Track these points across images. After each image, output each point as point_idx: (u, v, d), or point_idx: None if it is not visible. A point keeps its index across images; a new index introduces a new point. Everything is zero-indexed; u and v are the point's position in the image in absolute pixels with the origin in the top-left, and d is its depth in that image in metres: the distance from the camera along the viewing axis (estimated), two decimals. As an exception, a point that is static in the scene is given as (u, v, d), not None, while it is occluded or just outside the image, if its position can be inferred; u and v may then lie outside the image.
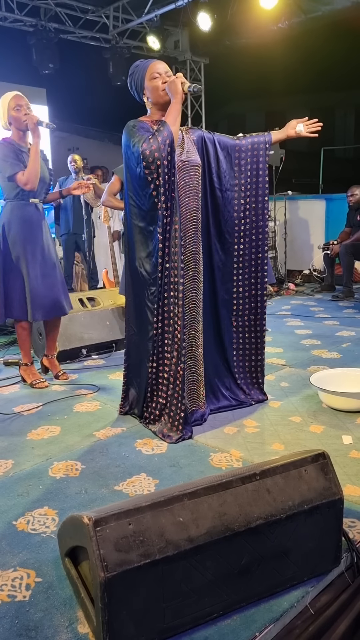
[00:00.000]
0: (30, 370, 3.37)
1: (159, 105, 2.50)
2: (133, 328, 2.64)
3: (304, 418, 2.66)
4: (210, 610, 1.37)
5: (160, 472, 2.16)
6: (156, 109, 2.52)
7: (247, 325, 2.76)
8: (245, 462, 2.23)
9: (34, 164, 3.03)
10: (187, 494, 1.38)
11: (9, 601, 1.47)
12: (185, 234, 2.49)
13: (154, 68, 2.47)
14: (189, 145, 2.53)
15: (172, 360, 2.45)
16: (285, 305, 5.73)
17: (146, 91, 2.50)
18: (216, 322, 2.73)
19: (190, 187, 2.50)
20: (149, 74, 2.46)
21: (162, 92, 2.45)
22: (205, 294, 2.64)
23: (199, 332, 2.60)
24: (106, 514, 1.28)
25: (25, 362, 3.36)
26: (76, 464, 2.25)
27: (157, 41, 7.94)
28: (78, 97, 8.38)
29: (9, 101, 3.06)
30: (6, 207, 3.19)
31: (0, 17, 7.11)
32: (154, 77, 2.46)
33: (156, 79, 2.45)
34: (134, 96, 2.60)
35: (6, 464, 2.28)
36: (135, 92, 2.57)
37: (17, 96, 3.07)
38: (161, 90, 2.44)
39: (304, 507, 1.46)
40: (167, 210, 2.36)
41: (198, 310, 2.59)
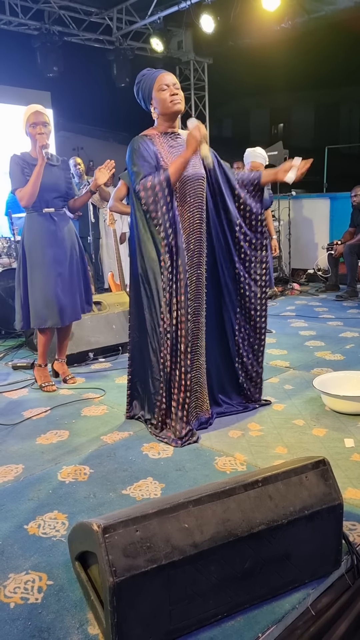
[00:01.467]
0: (42, 372, 3.44)
1: (167, 116, 2.53)
2: (136, 334, 2.69)
3: (307, 421, 2.71)
4: (215, 612, 1.43)
5: (166, 476, 2.22)
6: (163, 120, 2.55)
7: (248, 332, 2.79)
8: (250, 465, 2.28)
9: (32, 183, 3.11)
10: (192, 500, 1.44)
11: (22, 603, 1.54)
12: (189, 246, 2.53)
13: (162, 80, 2.49)
14: (194, 158, 2.55)
15: (175, 366, 2.51)
16: (289, 306, 5.77)
17: (154, 102, 2.53)
18: (220, 330, 2.76)
19: (195, 199, 2.54)
20: (157, 86, 2.49)
21: (170, 103, 2.48)
22: (210, 301, 2.68)
23: (202, 340, 2.65)
24: (114, 521, 1.34)
25: (40, 364, 3.44)
26: (84, 468, 2.32)
27: (160, 43, 7.98)
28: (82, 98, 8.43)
29: (29, 116, 3.14)
30: (25, 218, 3.32)
31: (5, 21, 7.17)
32: (162, 88, 2.48)
33: (164, 90, 2.48)
34: (140, 104, 2.64)
35: (17, 469, 2.35)
36: (142, 101, 2.60)
37: (36, 113, 3.14)
38: (169, 102, 2.48)
39: (304, 513, 1.51)
40: (169, 230, 2.42)
41: (201, 319, 2.63)
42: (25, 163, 3.16)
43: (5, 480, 2.25)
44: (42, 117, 3.15)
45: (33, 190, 3.11)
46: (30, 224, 3.26)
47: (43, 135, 3.12)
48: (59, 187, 3.26)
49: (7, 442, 2.63)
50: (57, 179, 3.25)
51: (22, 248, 3.29)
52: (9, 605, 1.53)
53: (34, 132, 3.14)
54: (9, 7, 7.07)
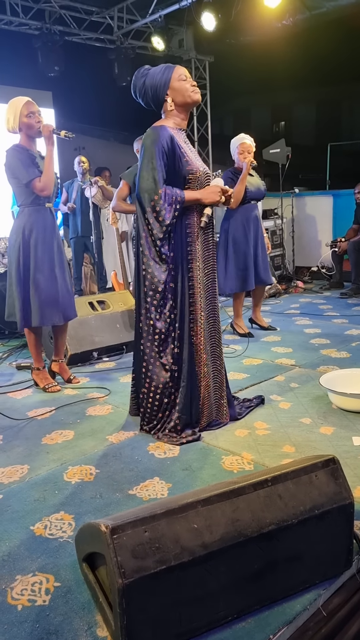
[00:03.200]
0: (42, 374, 3.42)
1: (186, 106, 2.52)
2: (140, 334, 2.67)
3: (314, 419, 2.69)
4: (225, 613, 1.41)
5: (173, 475, 2.20)
6: (179, 112, 2.53)
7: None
8: (257, 464, 2.26)
9: (49, 171, 3.08)
10: (201, 500, 1.42)
11: (30, 605, 1.52)
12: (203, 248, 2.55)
13: (182, 70, 2.50)
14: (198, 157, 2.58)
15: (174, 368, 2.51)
16: (294, 304, 5.75)
17: (171, 92, 2.48)
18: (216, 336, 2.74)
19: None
20: (177, 76, 2.47)
21: (192, 92, 2.48)
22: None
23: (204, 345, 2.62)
24: (122, 522, 1.32)
25: (37, 367, 3.41)
26: (90, 469, 2.30)
27: (161, 41, 7.94)
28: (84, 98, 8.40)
29: (21, 107, 3.08)
30: (23, 212, 3.19)
31: (6, 21, 7.14)
32: (182, 78, 2.47)
33: (185, 80, 2.48)
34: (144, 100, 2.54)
35: (22, 469, 2.33)
36: (149, 95, 2.50)
37: (28, 103, 3.10)
38: (191, 92, 2.47)
39: (315, 512, 1.49)
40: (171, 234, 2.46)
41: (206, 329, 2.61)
42: (29, 153, 3.12)
43: (10, 481, 2.23)
44: (36, 106, 3.13)
45: (52, 177, 3.09)
46: (33, 218, 3.17)
47: (40, 122, 3.09)
48: (55, 182, 3.24)
49: (12, 443, 2.62)
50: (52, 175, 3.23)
51: (24, 243, 3.15)
52: (17, 607, 1.51)
53: (31, 121, 3.09)
54: (9, 7, 7.05)
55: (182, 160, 2.44)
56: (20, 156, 3.09)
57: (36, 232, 3.17)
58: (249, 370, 3.52)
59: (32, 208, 3.18)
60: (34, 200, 3.16)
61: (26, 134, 3.15)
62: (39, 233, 3.17)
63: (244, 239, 4.30)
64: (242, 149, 4.23)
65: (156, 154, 2.39)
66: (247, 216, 4.32)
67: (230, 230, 4.32)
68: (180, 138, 2.51)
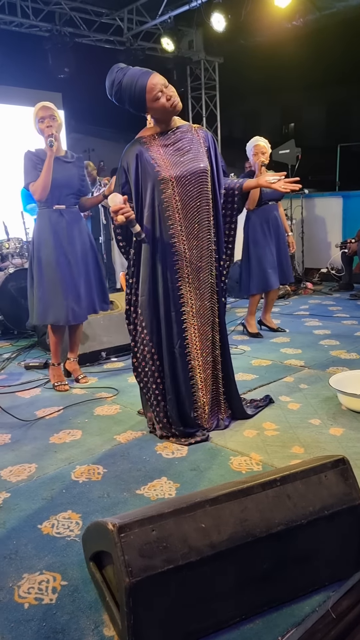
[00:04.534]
0: (56, 371, 3.43)
1: (168, 117, 2.42)
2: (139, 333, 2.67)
3: (324, 420, 2.67)
4: (233, 614, 1.40)
5: (181, 475, 2.19)
6: (161, 121, 2.44)
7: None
8: (265, 465, 2.24)
9: (43, 176, 3.10)
10: (209, 500, 1.40)
11: (36, 604, 1.51)
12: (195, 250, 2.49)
13: (153, 88, 2.27)
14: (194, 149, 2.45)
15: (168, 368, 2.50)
16: (303, 305, 5.72)
17: (150, 111, 2.38)
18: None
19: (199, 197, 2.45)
20: (151, 96, 2.28)
21: (171, 108, 2.33)
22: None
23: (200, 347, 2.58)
24: (130, 520, 1.31)
25: (53, 363, 3.43)
26: (98, 468, 2.29)
27: (171, 42, 7.97)
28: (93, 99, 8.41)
29: (37, 111, 3.14)
30: (37, 215, 3.31)
31: (17, 23, 7.20)
32: (157, 97, 2.30)
33: (159, 98, 2.31)
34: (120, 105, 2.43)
35: (30, 468, 2.33)
36: (131, 108, 2.41)
37: (43, 107, 3.13)
38: (169, 107, 2.33)
39: (324, 513, 1.47)
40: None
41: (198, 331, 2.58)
42: (39, 159, 3.15)
43: (18, 480, 2.23)
44: (49, 111, 3.14)
45: (45, 182, 3.10)
46: (40, 220, 3.25)
47: (50, 127, 3.10)
48: (71, 183, 3.24)
49: (20, 442, 2.62)
50: (70, 176, 3.24)
51: (32, 244, 3.28)
52: (23, 605, 1.51)
53: (42, 126, 3.13)
54: (20, 9, 7.10)
55: (152, 171, 2.38)
56: (25, 161, 3.17)
57: (42, 234, 3.23)
58: (258, 371, 3.50)
59: (40, 210, 3.26)
60: (42, 202, 3.21)
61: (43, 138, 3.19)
62: (45, 235, 3.21)
63: (264, 240, 4.32)
64: (257, 150, 4.23)
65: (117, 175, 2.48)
66: (266, 217, 4.34)
67: (250, 233, 4.35)
68: (159, 144, 2.42)
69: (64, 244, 3.22)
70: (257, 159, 4.18)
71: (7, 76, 7.19)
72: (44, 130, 3.12)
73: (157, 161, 2.39)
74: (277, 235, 4.39)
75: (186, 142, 2.45)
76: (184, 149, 2.44)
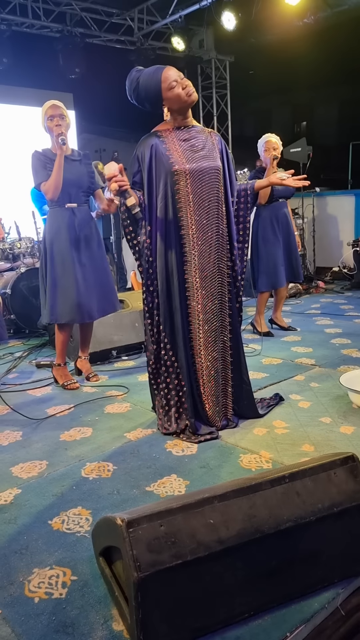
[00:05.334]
0: (62, 371, 3.44)
1: (183, 109, 2.48)
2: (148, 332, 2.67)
3: (334, 419, 2.65)
4: (242, 610, 1.40)
5: (190, 473, 2.20)
6: (178, 114, 2.49)
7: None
8: (275, 463, 2.24)
9: (54, 176, 3.11)
10: (217, 496, 1.41)
11: (47, 598, 1.53)
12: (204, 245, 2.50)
13: (169, 77, 2.37)
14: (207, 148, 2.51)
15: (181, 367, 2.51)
16: (314, 304, 5.69)
17: (166, 102, 2.43)
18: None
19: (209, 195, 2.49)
20: (166, 85, 2.37)
21: (186, 97, 2.40)
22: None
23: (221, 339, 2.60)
24: (138, 516, 1.32)
25: (58, 363, 3.44)
26: (108, 465, 2.31)
27: (181, 41, 7.97)
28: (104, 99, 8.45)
29: (46, 110, 3.16)
30: (48, 214, 3.32)
31: (28, 24, 7.24)
32: (172, 86, 2.37)
33: (174, 87, 2.38)
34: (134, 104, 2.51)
35: (41, 465, 2.35)
36: (146, 104, 2.47)
37: (52, 106, 3.15)
38: (185, 97, 2.39)
39: (333, 510, 1.47)
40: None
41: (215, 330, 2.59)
42: (47, 158, 3.16)
43: (29, 476, 2.25)
44: (59, 110, 3.15)
45: (57, 181, 3.11)
46: (52, 218, 3.26)
47: (60, 126, 3.12)
48: (81, 181, 3.26)
49: (31, 439, 2.64)
50: (79, 174, 3.25)
51: (44, 243, 3.30)
52: (34, 600, 1.52)
53: (51, 125, 3.14)
54: (31, 10, 7.14)
55: (167, 162, 2.43)
56: (34, 160, 3.18)
57: (54, 233, 3.23)
58: (269, 370, 3.49)
59: (52, 209, 3.27)
60: (53, 201, 3.22)
61: (51, 136, 3.20)
62: (57, 234, 3.22)
63: (274, 238, 4.30)
64: (268, 146, 4.22)
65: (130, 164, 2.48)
66: (276, 214, 4.33)
67: (260, 230, 4.34)
68: (174, 138, 2.47)
69: (76, 242, 3.24)
70: (269, 154, 4.18)
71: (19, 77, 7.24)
72: (53, 128, 3.13)
73: (172, 154, 2.45)
74: (287, 233, 4.38)
75: (200, 141, 2.51)
76: (198, 146, 2.50)
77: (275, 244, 4.31)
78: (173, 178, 2.43)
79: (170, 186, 2.43)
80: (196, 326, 2.52)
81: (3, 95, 7.53)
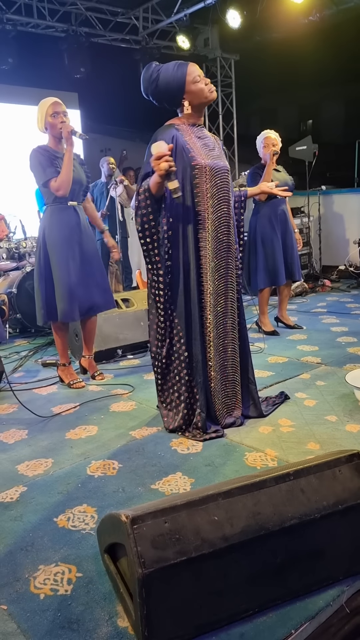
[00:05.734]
0: (67, 370, 3.45)
1: (201, 106, 2.53)
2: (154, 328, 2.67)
3: (340, 417, 2.65)
4: (246, 607, 1.40)
5: (195, 471, 2.20)
6: (195, 111, 2.52)
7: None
8: (280, 461, 2.24)
9: (66, 172, 3.11)
10: (222, 493, 1.41)
11: (52, 595, 1.53)
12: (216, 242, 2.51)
13: (194, 71, 2.45)
14: (216, 149, 2.56)
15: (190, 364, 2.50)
16: (320, 302, 5.68)
17: (187, 95, 2.47)
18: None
19: (221, 193, 2.51)
20: (191, 78, 2.44)
21: (208, 93, 2.47)
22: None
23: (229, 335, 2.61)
24: (143, 512, 1.32)
25: (63, 363, 3.45)
26: (113, 463, 2.31)
27: (186, 40, 7.95)
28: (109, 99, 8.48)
29: (47, 107, 3.13)
30: (47, 211, 3.28)
31: (33, 24, 7.26)
32: (196, 80, 2.44)
33: (199, 82, 2.45)
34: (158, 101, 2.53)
35: (46, 463, 2.36)
36: (166, 98, 2.50)
37: (55, 103, 3.14)
38: (207, 92, 2.46)
39: (338, 507, 1.46)
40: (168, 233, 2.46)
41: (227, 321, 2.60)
42: (52, 155, 3.16)
43: (35, 474, 2.26)
44: (62, 107, 3.15)
45: (68, 177, 3.11)
46: (54, 216, 3.23)
47: (64, 122, 3.11)
48: (82, 179, 3.27)
49: (37, 437, 2.65)
50: (79, 172, 3.26)
51: (44, 241, 3.23)
52: (39, 596, 1.53)
53: (55, 121, 3.12)
54: (36, 10, 7.16)
55: (187, 155, 2.44)
56: (40, 157, 3.14)
57: (57, 230, 3.21)
58: (274, 368, 3.49)
59: (54, 207, 3.24)
60: (56, 199, 3.20)
61: (51, 134, 3.19)
62: (60, 231, 3.21)
63: (273, 235, 4.28)
64: (267, 142, 4.22)
65: (146, 154, 2.44)
66: (275, 211, 4.31)
67: (259, 227, 4.32)
68: (191, 133, 2.50)
69: (78, 240, 3.24)
70: (268, 150, 4.17)
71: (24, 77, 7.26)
72: (57, 125, 3.12)
73: (192, 148, 2.47)
74: (285, 230, 4.35)
75: (211, 142, 2.58)
76: (209, 145, 2.55)
77: (274, 241, 4.28)
78: (193, 172, 2.44)
79: (190, 180, 2.45)
80: (208, 322, 2.52)
81: (8, 95, 7.56)
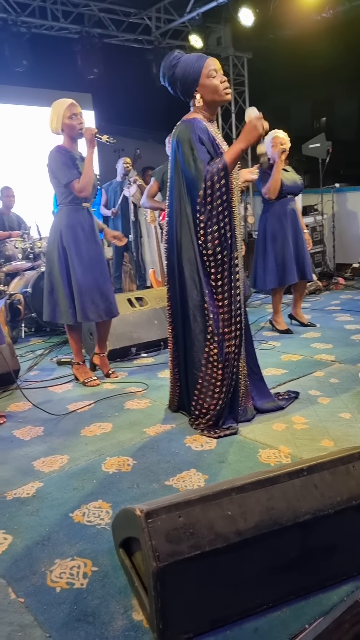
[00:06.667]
0: (82, 368, 3.48)
1: (214, 104, 2.48)
2: (179, 328, 2.67)
3: (354, 414, 2.64)
4: (260, 602, 1.41)
5: (209, 467, 2.21)
6: (206, 108, 2.48)
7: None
8: (294, 458, 2.24)
9: (88, 173, 3.14)
10: (235, 488, 1.42)
11: (68, 588, 1.56)
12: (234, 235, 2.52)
13: (211, 64, 2.39)
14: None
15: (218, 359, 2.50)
16: (334, 300, 5.65)
17: (200, 89, 2.42)
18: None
19: (237, 190, 2.54)
20: (207, 71, 2.38)
21: (223, 91, 2.42)
22: None
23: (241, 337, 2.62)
24: (157, 507, 1.34)
25: (77, 361, 3.48)
26: (128, 460, 2.33)
27: (199, 39, 7.95)
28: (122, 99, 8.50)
29: (64, 109, 3.15)
30: (61, 211, 3.28)
31: (47, 26, 7.31)
32: (212, 74, 2.39)
33: (214, 77, 2.40)
34: (173, 90, 2.50)
35: (62, 459, 2.39)
36: (180, 87, 2.45)
37: (72, 105, 3.17)
38: (222, 90, 2.41)
39: (352, 503, 1.47)
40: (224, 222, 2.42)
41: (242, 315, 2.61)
42: (70, 155, 3.19)
43: (51, 470, 2.29)
44: (78, 109, 3.18)
45: (91, 179, 3.15)
46: (68, 216, 3.24)
47: (82, 124, 3.14)
48: (94, 183, 3.29)
49: (52, 434, 2.68)
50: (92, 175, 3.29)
51: (61, 241, 3.23)
52: (55, 589, 1.55)
53: (73, 122, 3.15)
54: (50, 12, 7.21)
55: (218, 151, 2.44)
56: (62, 158, 3.16)
57: (73, 231, 3.24)
58: (288, 366, 3.48)
59: (70, 207, 3.26)
60: (72, 200, 3.23)
61: (68, 135, 3.22)
62: (77, 232, 3.24)
63: (282, 234, 4.27)
64: (275, 142, 4.21)
65: (195, 145, 2.36)
66: (284, 210, 4.29)
67: (268, 226, 4.31)
68: (212, 129, 2.50)
69: (92, 241, 3.27)
70: (277, 149, 4.17)
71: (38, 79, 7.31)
72: (76, 126, 3.15)
73: (220, 144, 2.47)
74: (295, 229, 4.32)
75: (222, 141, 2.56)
76: (224, 141, 2.55)
77: (284, 240, 4.26)
78: None
79: None
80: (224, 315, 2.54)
81: (23, 97, 7.62)
